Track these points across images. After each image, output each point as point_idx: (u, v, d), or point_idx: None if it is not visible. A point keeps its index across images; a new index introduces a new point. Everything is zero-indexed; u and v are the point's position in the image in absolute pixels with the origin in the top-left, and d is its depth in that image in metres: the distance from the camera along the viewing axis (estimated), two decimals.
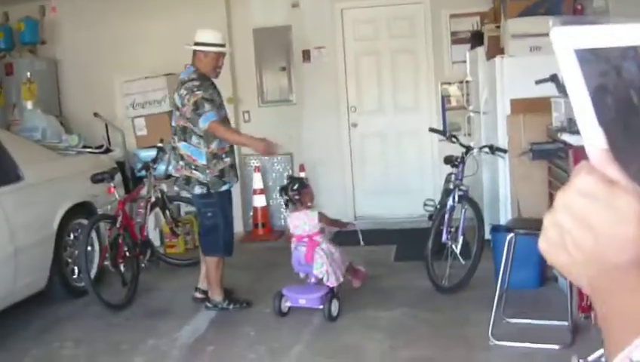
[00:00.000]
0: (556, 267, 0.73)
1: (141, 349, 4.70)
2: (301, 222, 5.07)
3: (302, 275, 5.20)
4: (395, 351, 4.37)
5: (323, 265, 4.90)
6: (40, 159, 5.99)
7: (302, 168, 7.73)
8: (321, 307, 4.90)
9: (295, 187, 5.16)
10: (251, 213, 7.85)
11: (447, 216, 5.58)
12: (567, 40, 0.66)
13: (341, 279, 5.03)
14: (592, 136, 0.67)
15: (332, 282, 4.92)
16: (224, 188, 5.26)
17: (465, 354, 4.27)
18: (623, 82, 0.67)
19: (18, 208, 5.23)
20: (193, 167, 5.15)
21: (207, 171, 5.14)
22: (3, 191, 5.16)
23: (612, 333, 0.70)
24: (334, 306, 4.96)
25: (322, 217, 5.17)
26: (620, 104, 0.67)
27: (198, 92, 5.00)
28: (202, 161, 5.13)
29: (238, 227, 7.74)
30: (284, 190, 5.22)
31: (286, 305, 5.04)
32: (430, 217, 6.35)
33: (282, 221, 8.03)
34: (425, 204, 6.46)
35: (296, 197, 5.13)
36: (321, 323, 4.96)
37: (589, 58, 0.66)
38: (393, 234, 7.46)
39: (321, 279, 4.95)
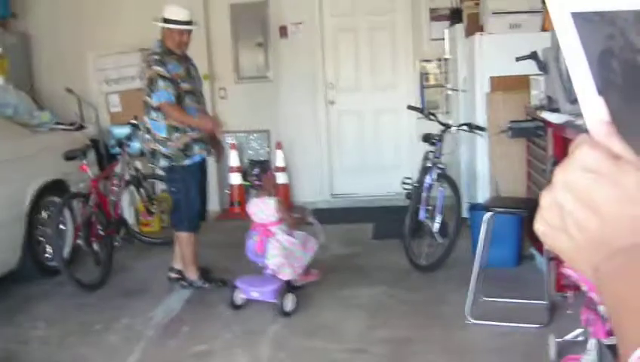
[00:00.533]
0: (555, 251, 0.67)
1: (115, 328, 4.63)
2: (258, 210, 4.77)
3: (267, 271, 4.88)
4: (372, 331, 4.34)
5: (276, 257, 4.62)
6: (11, 136, 5.86)
7: (278, 145, 7.65)
8: (275, 301, 4.59)
9: (255, 171, 4.91)
10: (227, 191, 7.77)
11: (424, 194, 5.55)
12: (564, 2, 0.61)
13: (297, 274, 4.75)
14: (592, 108, 0.62)
15: (285, 275, 4.66)
16: (187, 162, 5.15)
17: (442, 333, 4.24)
18: (629, 46, 0.61)
19: None
20: (156, 139, 5.13)
21: (169, 144, 5.09)
22: None
23: (625, 326, 0.62)
24: (289, 301, 4.64)
25: (281, 206, 4.81)
26: (627, 71, 0.61)
27: (155, 67, 4.98)
28: (162, 134, 5.09)
29: (214, 205, 7.68)
30: (244, 174, 4.90)
31: (240, 296, 4.75)
32: (408, 196, 6.31)
33: None
34: (403, 183, 6.40)
35: (257, 182, 4.87)
36: (298, 301, 4.91)
37: (592, 19, 0.61)
38: (371, 212, 7.43)
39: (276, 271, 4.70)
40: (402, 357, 3.93)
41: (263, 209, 4.73)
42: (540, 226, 0.67)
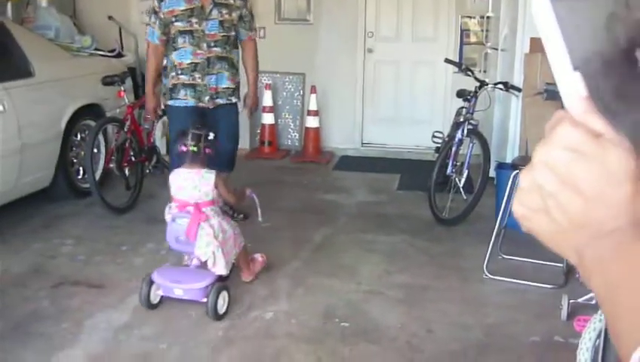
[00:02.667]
0: (535, 234, 0.63)
1: (140, 252, 4.77)
2: (190, 184, 3.92)
3: (187, 259, 4.11)
4: (390, 275, 4.43)
5: (209, 246, 3.83)
6: (52, 57, 5.96)
7: (313, 89, 7.68)
8: (204, 300, 3.74)
9: (211, 137, 4.05)
10: (258, 131, 7.84)
11: (454, 149, 5.58)
12: None
13: (228, 269, 3.97)
14: (569, 84, 0.59)
15: (220, 269, 3.87)
16: (170, 102, 5.07)
17: (458, 284, 4.32)
18: (611, 17, 0.58)
19: (27, 104, 5.22)
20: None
21: (165, 80, 5.13)
22: (13, 86, 5.14)
23: (619, 320, 0.58)
24: (222, 300, 3.80)
25: (220, 183, 3.99)
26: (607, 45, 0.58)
27: (155, 1, 4.99)
28: (166, 70, 5.12)
29: (244, 144, 7.76)
30: (194, 137, 3.99)
31: (157, 293, 3.88)
32: (437, 150, 6.35)
33: (289, 140, 8.05)
34: (433, 136, 6.45)
35: (207, 150, 4.01)
36: (321, 241, 5.02)
37: None
38: (398, 163, 7.47)
39: (206, 263, 3.88)
40: (417, 303, 4.02)
41: (197, 184, 3.91)
42: (518, 208, 0.63)
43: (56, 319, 3.72)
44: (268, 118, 7.71)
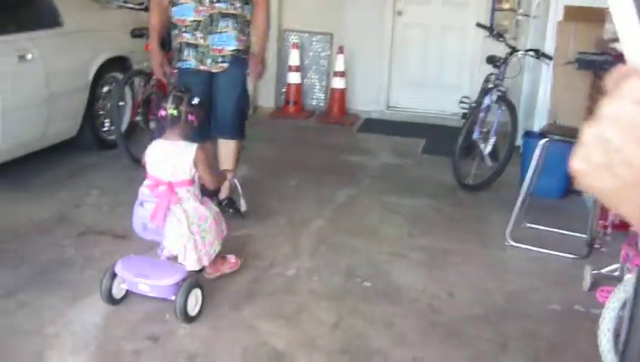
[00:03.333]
0: (594, 192, 0.62)
1: None
2: (167, 157, 3.35)
3: (159, 249, 3.50)
4: (412, 238, 4.43)
5: (181, 238, 3.30)
6: (81, 8, 5.95)
7: (340, 50, 7.62)
8: (173, 298, 3.25)
9: (195, 101, 3.47)
10: (284, 90, 7.81)
11: (481, 115, 5.53)
12: None
13: (205, 262, 3.46)
14: (635, 38, 0.59)
15: (190, 263, 3.35)
16: (178, 64, 4.58)
17: (480, 249, 4.31)
18: None
19: (55, 54, 5.22)
20: None
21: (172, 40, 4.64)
22: (41, 35, 5.15)
23: None
24: (194, 299, 3.31)
25: (200, 160, 3.37)
26: None
27: None
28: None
29: (269, 102, 7.75)
30: (175, 100, 3.41)
31: (122, 287, 3.41)
32: (464, 116, 6.30)
33: (314, 101, 8.01)
34: (461, 101, 6.39)
35: (190, 117, 3.41)
36: (344, 201, 5.02)
37: None
38: (423, 128, 7.43)
39: (176, 257, 3.38)
40: (438, 266, 4.02)
41: (176, 159, 3.34)
42: (579, 164, 0.61)
43: (81, 267, 3.76)
44: (294, 78, 7.67)
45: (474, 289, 3.77)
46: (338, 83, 7.64)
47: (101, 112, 5.94)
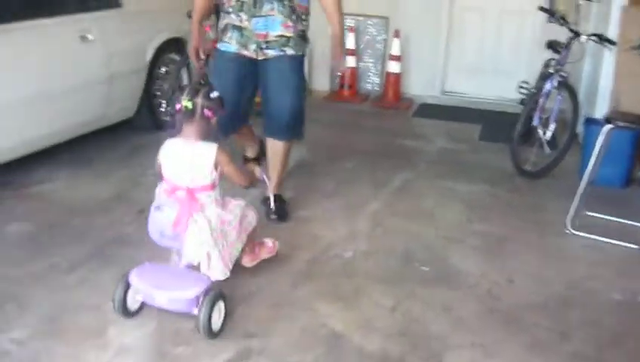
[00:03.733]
0: None
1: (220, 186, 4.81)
2: (183, 159, 3.03)
3: (176, 257, 3.18)
4: (469, 224, 4.38)
5: (202, 245, 3.03)
6: None
7: (396, 33, 7.55)
8: (194, 312, 2.97)
9: (214, 95, 3.07)
10: (339, 73, 7.78)
11: (541, 101, 5.41)
12: None
13: (230, 266, 3.16)
14: None
15: (217, 273, 3.09)
16: (219, 45, 4.23)
17: (539, 237, 4.24)
18: None
19: (115, 35, 5.28)
20: None
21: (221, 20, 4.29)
22: (102, 16, 5.20)
23: None
24: (218, 313, 3.02)
25: (224, 160, 3.05)
26: None
27: None
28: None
29: (324, 85, 7.73)
30: (191, 91, 3.04)
31: (137, 298, 3.11)
32: (522, 101, 6.20)
33: (369, 85, 7.97)
34: (519, 87, 6.28)
35: (206, 111, 3.02)
36: (400, 185, 4.99)
37: None
38: (480, 114, 7.33)
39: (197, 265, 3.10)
40: (497, 253, 3.97)
41: (191, 162, 3.02)
42: None
43: (139, 244, 3.79)
44: (349, 62, 7.63)
45: (533, 276, 3.71)
46: (393, 67, 7.58)
47: (158, 93, 5.99)
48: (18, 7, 4.49)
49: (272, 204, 4.10)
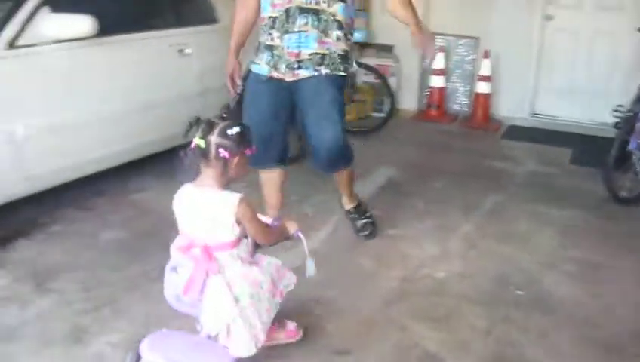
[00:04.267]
0: None
1: (310, 202, 4.87)
2: (199, 210, 2.54)
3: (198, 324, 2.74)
4: (563, 249, 4.27)
5: (221, 315, 2.55)
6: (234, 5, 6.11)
7: (486, 54, 7.48)
8: None
9: (234, 131, 2.51)
10: (426, 93, 7.75)
11: (638, 125, 5.26)
12: None
13: (260, 342, 2.62)
14: None
15: (240, 349, 2.58)
16: (251, 66, 3.85)
17: (636, 266, 4.09)
18: None
19: (210, 49, 5.39)
20: None
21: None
22: (200, 31, 5.33)
23: None
24: None
25: (247, 213, 2.51)
26: None
27: None
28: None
29: (412, 104, 7.71)
30: (206, 126, 2.51)
31: None
32: (617, 125, 6.03)
33: (458, 105, 7.91)
34: (614, 110, 6.11)
35: (224, 151, 2.49)
36: (491, 207, 4.91)
37: None
38: (570, 137, 7.16)
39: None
40: (592, 280, 3.86)
41: (208, 214, 2.52)
42: None
43: None
44: (438, 81, 7.59)
45: (633, 305, 3.59)
46: (483, 88, 7.50)
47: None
48: (123, 21, 4.66)
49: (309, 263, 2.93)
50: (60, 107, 4.23)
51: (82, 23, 4.18)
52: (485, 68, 7.48)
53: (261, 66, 3.73)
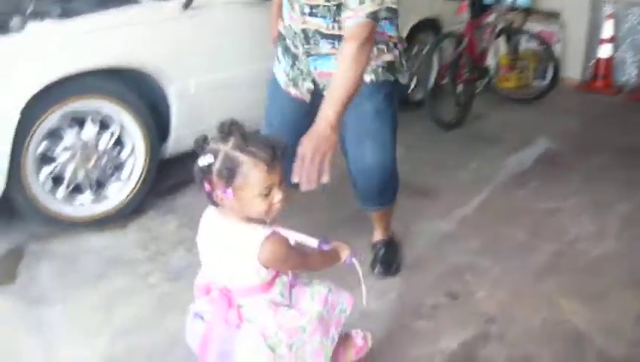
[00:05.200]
0: None
1: (466, 168, 4.85)
2: (217, 244, 2.03)
3: None
4: None
5: None
6: None
7: None
8: None
9: (210, 160, 1.94)
10: (591, 63, 7.44)
11: None
12: None
13: None
14: None
15: None
16: (273, 68, 3.18)
17: None
18: None
19: None
20: None
21: None
22: None
23: None
24: None
25: (274, 253, 1.95)
26: None
27: None
28: None
29: (575, 73, 7.44)
30: (216, 138, 2.02)
31: None
32: None
33: (625, 76, 7.54)
34: None
35: (204, 185, 1.97)
36: None
37: None
38: None
39: None
40: None
41: (226, 252, 2.00)
42: None
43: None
44: (605, 51, 7.25)
45: None
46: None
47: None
48: None
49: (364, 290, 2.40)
50: (229, 65, 4.42)
51: None
52: None
53: (279, 74, 3.10)
